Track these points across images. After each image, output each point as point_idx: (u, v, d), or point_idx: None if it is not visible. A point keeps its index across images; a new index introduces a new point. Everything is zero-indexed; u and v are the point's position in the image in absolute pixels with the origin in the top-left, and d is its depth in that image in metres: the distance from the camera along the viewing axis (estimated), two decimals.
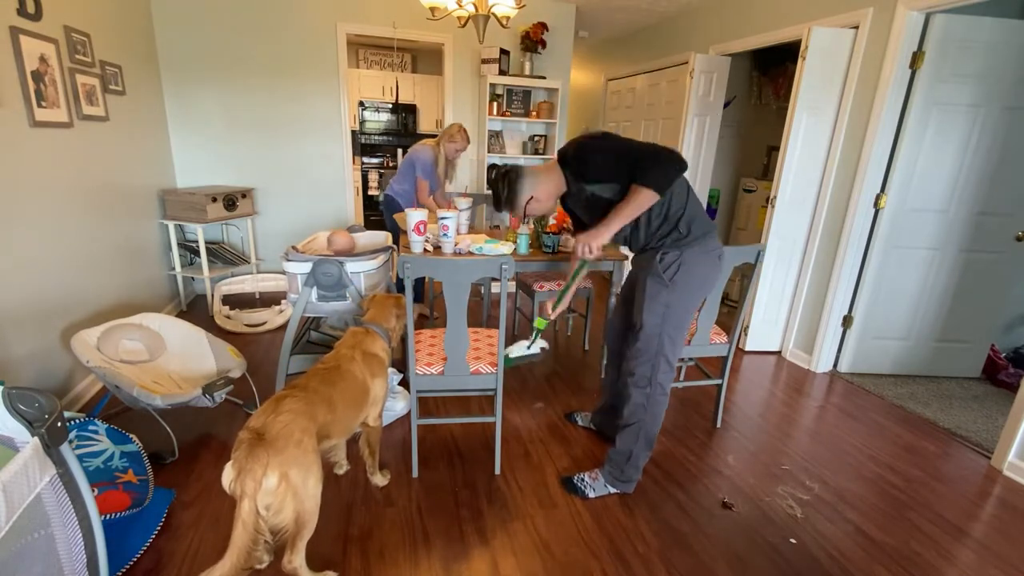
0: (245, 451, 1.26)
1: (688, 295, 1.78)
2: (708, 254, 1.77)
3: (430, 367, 1.91)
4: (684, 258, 1.74)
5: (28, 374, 2.06)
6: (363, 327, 1.86)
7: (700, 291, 1.81)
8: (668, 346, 1.81)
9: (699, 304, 1.91)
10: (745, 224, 4.74)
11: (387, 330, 1.89)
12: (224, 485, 1.28)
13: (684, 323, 1.82)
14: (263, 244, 4.12)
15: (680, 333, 1.82)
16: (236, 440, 1.30)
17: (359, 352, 1.74)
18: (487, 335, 2.14)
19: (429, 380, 1.91)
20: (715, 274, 1.83)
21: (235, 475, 1.25)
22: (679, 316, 1.79)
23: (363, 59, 6.44)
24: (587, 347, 3.38)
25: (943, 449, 2.39)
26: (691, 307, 1.81)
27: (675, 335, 1.81)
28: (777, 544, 1.74)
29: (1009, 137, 2.74)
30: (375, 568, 1.57)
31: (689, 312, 1.82)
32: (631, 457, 1.90)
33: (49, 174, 2.24)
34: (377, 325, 1.87)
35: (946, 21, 2.57)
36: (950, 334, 3.07)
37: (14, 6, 2.03)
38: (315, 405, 1.46)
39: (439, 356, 1.94)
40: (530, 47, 4.21)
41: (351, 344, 1.77)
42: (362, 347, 1.77)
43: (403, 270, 1.73)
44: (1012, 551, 1.77)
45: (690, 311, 1.82)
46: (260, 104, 3.84)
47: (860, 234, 2.92)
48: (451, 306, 1.80)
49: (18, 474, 0.92)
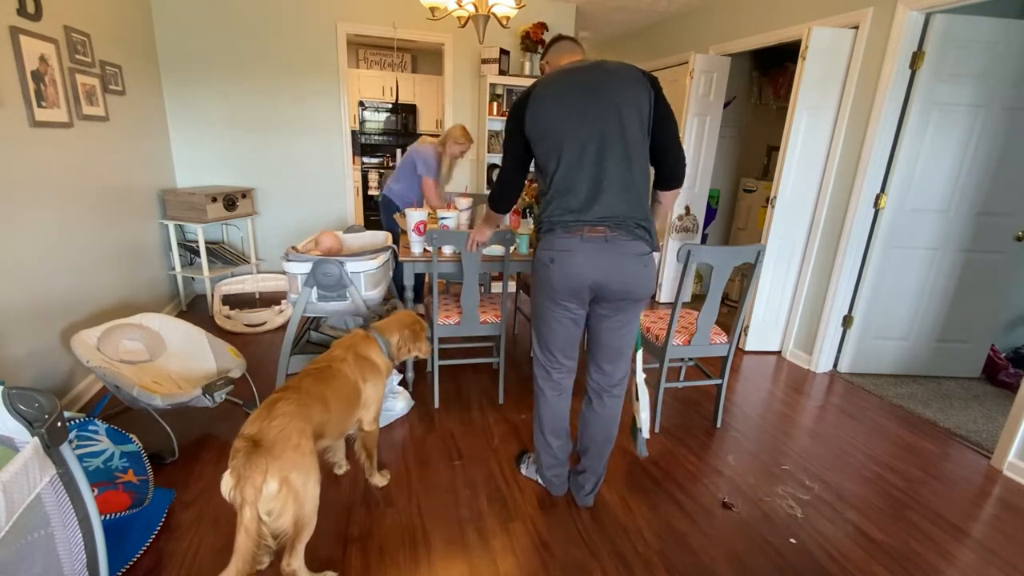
0: (243, 459, 1.25)
1: (534, 291, 1.72)
2: (541, 252, 1.63)
3: (448, 319, 2.42)
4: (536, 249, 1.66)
5: (28, 374, 2.06)
6: (365, 331, 1.87)
7: (542, 294, 1.67)
8: (535, 342, 1.79)
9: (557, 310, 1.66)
10: (745, 224, 4.74)
11: (388, 341, 1.88)
12: (223, 494, 1.27)
13: (541, 323, 1.72)
14: (263, 244, 4.12)
15: (541, 331, 1.74)
16: (232, 448, 1.29)
17: (351, 353, 1.74)
18: (490, 298, 2.72)
19: (449, 328, 2.41)
20: (556, 278, 1.60)
21: (234, 483, 1.24)
22: (536, 312, 1.74)
23: (363, 59, 6.43)
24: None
25: (943, 449, 2.39)
26: (545, 312, 1.68)
27: (538, 330, 1.76)
28: (777, 544, 1.74)
29: (1009, 137, 2.74)
30: (375, 568, 1.57)
31: (545, 318, 1.70)
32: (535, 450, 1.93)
33: (49, 174, 2.24)
34: (380, 334, 1.87)
35: (946, 21, 2.57)
36: (950, 334, 3.07)
37: (14, 6, 2.03)
38: (309, 406, 1.46)
39: (455, 310, 2.48)
40: (530, 47, 4.21)
41: (345, 345, 1.77)
42: (356, 349, 1.76)
43: (430, 240, 2.17)
44: (1012, 551, 1.77)
45: (547, 317, 1.69)
46: (260, 104, 3.84)
47: (860, 234, 2.92)
48: (467, 270, 2.26)
49: (18, 474, 0.92)
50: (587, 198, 1.53)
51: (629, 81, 1.50)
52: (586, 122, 1.50)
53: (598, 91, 1.50)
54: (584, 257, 1.54)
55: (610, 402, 1.78)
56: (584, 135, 1.51)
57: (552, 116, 1.54)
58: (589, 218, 1.53)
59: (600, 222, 1.53)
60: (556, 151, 1.54)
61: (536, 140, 1.58)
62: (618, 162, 1.51)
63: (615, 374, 1.76)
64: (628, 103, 1.49)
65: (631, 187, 1.53)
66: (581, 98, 1.51)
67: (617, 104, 1.48)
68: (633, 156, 1.52)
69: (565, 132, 1.52)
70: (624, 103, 1.49)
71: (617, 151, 1.50)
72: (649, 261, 1.59)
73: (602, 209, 1.52)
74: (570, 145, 1.52)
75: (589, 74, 1.53)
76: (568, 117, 1.52)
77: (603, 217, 1.52)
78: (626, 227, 1.53)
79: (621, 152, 1.50)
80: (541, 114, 1.55)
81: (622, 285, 1.56)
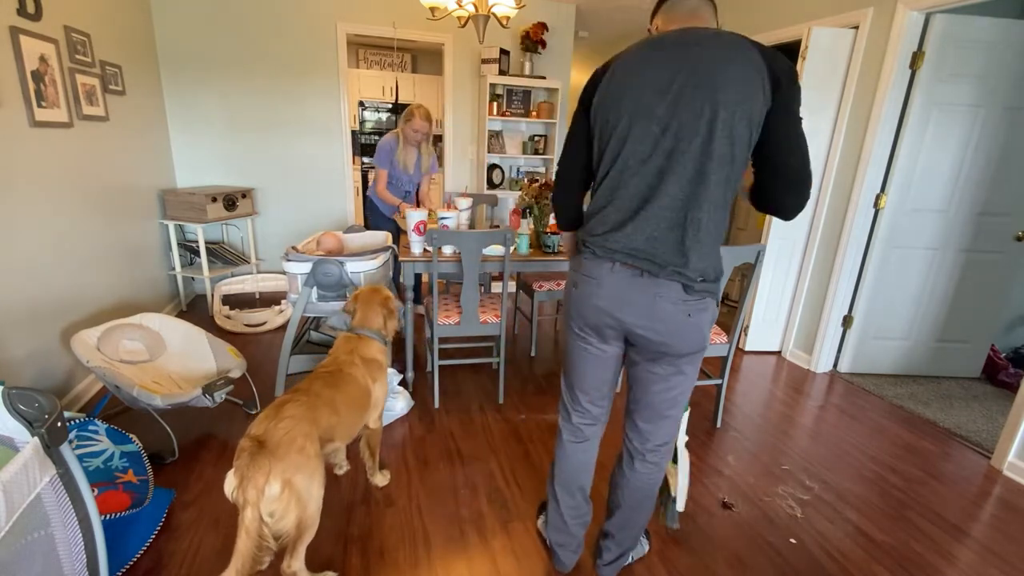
0: (247, 459, 1.25)
1: (565, 318, 1.40)
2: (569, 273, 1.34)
3: (448, 319, 2.43)
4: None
5: (28, 374, 2.06)
6: (355, 333, 1.81)
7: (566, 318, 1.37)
8: (562, 373, 1.49)
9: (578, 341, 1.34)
10: (745, 224, 4.74)
11: (379, 331, 1.86)
12: (226, 494, 1.27)
13: (565, 353, 1.42)
14: (263, 244, 4.12)
15: (565, 362, 1.44)
16: (237, 448, 1.30)
17: (358, 357, 1.73)
18: (490, 298, 2.72)
19: (449, 328, 2.42)
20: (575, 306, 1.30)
21: (237, 483, 1.24)
22: (563, 338, 1.43)
23: (363, 59, 6.43)
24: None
25: (943, 449, 2.39)
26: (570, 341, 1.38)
27: (563, 360, 1.45)
28: (777, 544, 1.74)
29: (1009, 137, 2.74)
30: (375, 568, 1.57)
31: (569, 347, 1.39)
32: None
33: (49, 174, 2.24)
34: (368, 329, 1.84)
35: (946, 21, 2.57)
36: (950, 334, 3.07)
37: (14, 6, 2.03)
38: (317, 409, 1.45)
39: (455, 310, 2.50)
40: (530, 47, 4.21)
41: (348, 349, 1.75)
42: (360, 352, 1.75)
43: (431, 240, 2.15)
44: (1012, 551, 1.77)
45: (570, 347, 1.38)
46: (260, 104, 3.84)
47: (860, 234, 2.92)
48: (467, 270, 2.27)
49: (18, 474, 0.92)
50: (627, 218, 1.16)
51: (741, 73, 1.05)
52: (659, 116, 1.10)
53: (689, 77, 1.07)
54: (608, 291, 1.20)
55: (643, 468, 1.42)
56: (652, 133, 1.11)
57: (623, 98, 1.13)
58: (619, 246, 1.16)
59: (631, 256, 1.15)
60: (617, 145, 1.16)
61: (597, 127, 1.21)
62: (684, 182, 1.10)
63: (652, 437, 1.38)
64: (730, 104, 1.05)
65: (690, 222, 1.12)
66: (665, 82, 1.09)
67: (714, 103, 1.06)
68: (711, 177, 1.09)
69: (632, 122, 1.12)
70: (724, 103, 1.05)
71: (687, 166, 1.09)
72: (698, 310, 1.18)
73: (638, 240, 1.14)
74: (635, 142, 1.13)
75: (685, 50, 1.09)
76: (640, 103, 1.11)
77: (634, 251, 1.15)
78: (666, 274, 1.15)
79: (693, 170, 1.09)
80: (613, 91, 1.16)
81: (656, 335, 1.20)
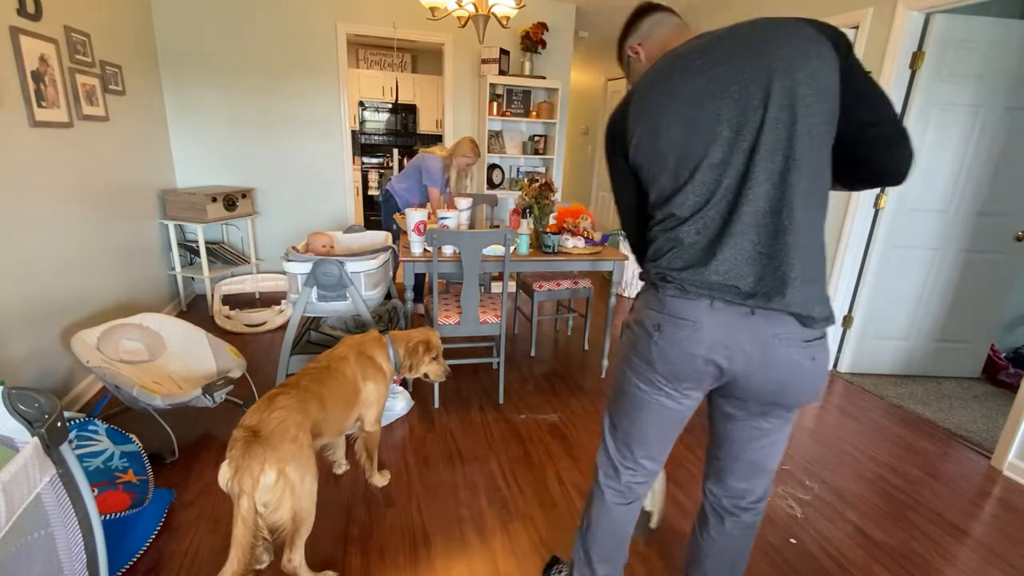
0: (241, 449, 1.26)
1: (620, 359, 1.14)
2: (643, 312, 1.05)
3: (448, 319, 2.43)
4: (637, 303, 1.10)
5: (28, 374, 2.06)
6: (380, 334, 1.88)
7: (632, 368, 1.09)
8: (606, 424, 1.23)
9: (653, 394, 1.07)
10: None
11: (398, 350, 1.89)
12: (221, 484, 1.28)
13: (621, 404, 1.15)
14: (263, 244, 4.12)
15: (619, 415, 1.16)
16: (231, 439, 1.31)
17: (354, 352, 1.75)
18: (490, 298, 2.70)
19: (449, 328, 2.42)
20: (659, 354, 1.02)
21: (232, 473, 1.25)
22: (618, 386, 1.16)
23: (363, 59, 6.43)
24: (587, 347, 3.38)
25: (943, 449, 2.39)
26: (633, 392, 1.10)
27: (616, 412, 1.18)
28: (777, 544, 1.74)
29: (1009, 137, 2.74)
30: (375, 568, 1.57)
31: (631, 398, 1.11)
32: None
33: (49, 174, 2.24)
34: (392, 341, 1.89)
35: (946, 21, 2.57)
36: (950, 334, 3.07)
37: (14, 6, 2.03)
38: (307, 402, 1.48)
39: (455, 310, 2.49)
40: (530, 47, 4.21)
41: (350, 343, 1.78)
42: (359, 348, 1.77)
43: (431, 240, 2.15)
44: (1012, 551, 1.77)
45: (634, 399, 1.11)
46: (260, 104, 3.84)
47: (860, 234, 2.92)
48: (467, 270, 2.27)
49: (18, 474, 0.92)
50: (709, 245, 0.95)
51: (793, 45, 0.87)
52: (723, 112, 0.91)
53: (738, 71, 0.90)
54: (711, 333, 0.96)
55: (736, 530, 1.19)
56: (715, 137, 0.92)
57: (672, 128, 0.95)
58: (712, 278, 0.94)
59: (727, 288, 0.94)
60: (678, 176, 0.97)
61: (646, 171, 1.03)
62: (774, 182, 0.90)
63: (749, 495, 1.17)
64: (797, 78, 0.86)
65: (792, 228, 0.90)
66: (717, 85, 0.91)
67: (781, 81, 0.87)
68: (803, 169, 0.89)
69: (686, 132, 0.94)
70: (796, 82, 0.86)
71: (774, 159, 0.89)
72: (819, 349, 0.97)
73: (726, 266, 0.94)
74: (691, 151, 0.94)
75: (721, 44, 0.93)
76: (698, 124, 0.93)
77: (726, 285, 0.94)
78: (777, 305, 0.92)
79: (781, 163, 0.89)
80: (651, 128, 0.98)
81: (771, 384, 0.98)
